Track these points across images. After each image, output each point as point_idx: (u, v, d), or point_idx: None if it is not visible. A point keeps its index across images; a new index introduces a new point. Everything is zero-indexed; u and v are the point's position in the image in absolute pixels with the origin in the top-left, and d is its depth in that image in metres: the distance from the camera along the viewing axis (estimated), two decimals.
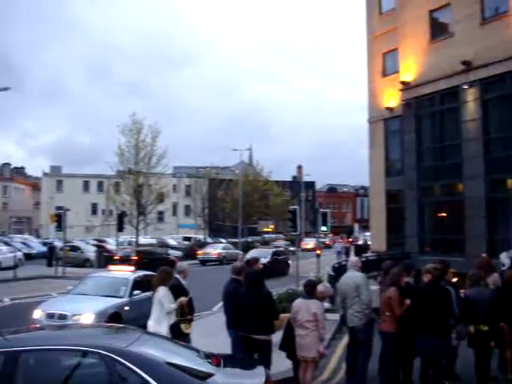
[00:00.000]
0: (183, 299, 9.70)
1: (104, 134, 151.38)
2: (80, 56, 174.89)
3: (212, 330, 13.94)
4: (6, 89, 36.27)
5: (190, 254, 47.16)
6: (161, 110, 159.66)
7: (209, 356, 6.16)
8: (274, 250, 39.49)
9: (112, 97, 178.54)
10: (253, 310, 8.44)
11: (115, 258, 35.31)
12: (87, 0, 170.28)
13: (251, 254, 34.35)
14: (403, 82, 29.68)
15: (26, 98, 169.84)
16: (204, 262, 44.33)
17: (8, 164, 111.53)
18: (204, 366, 5.68)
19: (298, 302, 8.88)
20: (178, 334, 9.79)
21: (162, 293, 9.18)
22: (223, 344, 10.04)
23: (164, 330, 9.04)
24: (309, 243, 56.89)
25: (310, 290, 9.02)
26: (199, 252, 46.54)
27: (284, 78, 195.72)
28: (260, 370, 6.11)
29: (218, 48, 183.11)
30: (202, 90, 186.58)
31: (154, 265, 18.81)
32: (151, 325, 9.11)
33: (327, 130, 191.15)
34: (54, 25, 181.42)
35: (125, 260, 31.83)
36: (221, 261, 43.50)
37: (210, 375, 5.42)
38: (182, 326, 9.63)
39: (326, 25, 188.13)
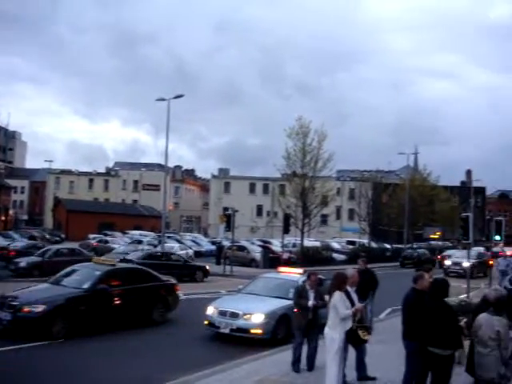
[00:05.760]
0: (359, 306, 9.58)
1: (273, 136, 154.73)
2: (252, 58, 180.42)
3: (384, 338, 13.67)
4: (180, 96, 38.18)
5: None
6: (329, 110, 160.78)
7: None
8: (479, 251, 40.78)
9: (283, 98, 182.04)
10: (436, 323, 8.06)
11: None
12: (259, 2, 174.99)
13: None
14: None
15: (199, 102, 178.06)
16: None
17: (179, 166, 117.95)
18: None
19: (482, 318, 8.35)
20: (354, 341, 9.68)
21: (337, 298, 9.09)
22: (397, 353, 9.79)
23: (338, 335, 8.95)
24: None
25: (498, 306, 8.45)
26: None
27: (457, 75, 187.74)
28: None
29: (387, 44, 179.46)
30: (370, 89, 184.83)
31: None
32: (327, 330, 9.07)
33: (502, 132, 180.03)
34: (225, 30, 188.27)
35: None
36: None
37: None
38: (360, 332, 9.49)
39: (503, 15, 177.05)
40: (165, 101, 37.46)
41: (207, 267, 32.93)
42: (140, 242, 48.35)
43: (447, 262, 38.14)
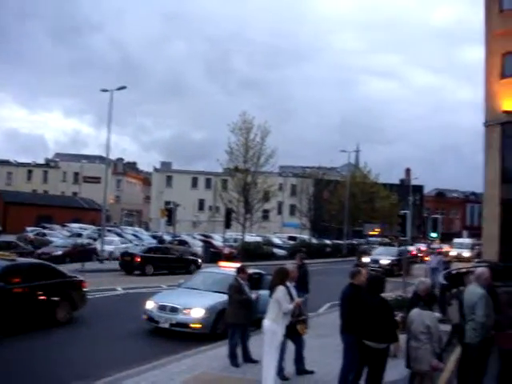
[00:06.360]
0: (299, 300, 9.71)
1: (217, 130, 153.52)
2: (198, 51, 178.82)
3: (322, 332, 13.87)
4: (123, 87, 37.76)
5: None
6: (275, 106, 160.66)
7: None
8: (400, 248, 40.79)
9: (229, 93, 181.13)
10: (372, 317, 8.26)
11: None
12: None
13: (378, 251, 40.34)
14: None
15: (143, 94, 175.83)
16: None
17: (121, 159, 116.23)
18: None
19: (413, 313, 8.60)
20: (293, 334, 9.84)
21: (281, 293, 9.16)
22: (334, 346, 9.96)
23: (281, 329, 9.04)
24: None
25: (428, 301, 8.72)
26: None
27: (401, 76, 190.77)
28: None
29: (333, 43, 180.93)
30: (316, 87, 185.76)
31: None
32: (268, 324, 9.11)
33: (441, 132, 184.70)
34: (173, 21, 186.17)
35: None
36: None
37: None
38: (299, 326, 9.64)
39: (446, 19, 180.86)
40: (108, 92, 37.01)
41: (199, 261, 34.54)
42: (79, 235, 47.61)
43: (365, 260, 37.07)
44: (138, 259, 31.00)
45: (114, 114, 36.87)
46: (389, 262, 34.39)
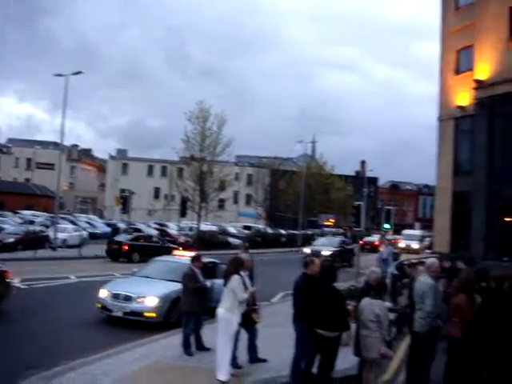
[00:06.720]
0: (253, 289, 9.78)
1: (174, 118, 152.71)
2: (156, 39, 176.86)
3: (275, 321, 13.97)
4: (79, 72, 37.18)
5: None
6: (233, 95, 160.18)
7: None
8: (342, 239, 40.27)
9: (186, 81, 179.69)
10: (324, 306, 8.37)
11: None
12: None
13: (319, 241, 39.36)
14: (477, 81, 28.78)
15: (100, 80, 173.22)
16: None
17: (76, 145, 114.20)
18: None
19: (364, 302, 8.76)
20: (247, 323, 9.91)
21: (236, 282, 9.21)
22: (287, 335, 10.05)
23: (236, 318, 9.11)
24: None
25: (379, 290, 8.89)
26: None
27: (359, 69, 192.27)
28: None
29: (290, 35, 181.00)
30: (275, 78, 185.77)
31: None
32: (222, 313, 9.14)
33: (397, 125, 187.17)
34: (130, 6, 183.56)
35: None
36: None
37: None
38: (253, 315, 9.73)
39: (405, 14, 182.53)
40: (63, 76, 36.40)
41: (180, 248, 34.15)
42: (32, 222, 46.79)
43: (306, 250, 35.08)
44: (126, 247, 32.20)
45: (69, 100, 36.37)
46: (330, 252, 33.56)
